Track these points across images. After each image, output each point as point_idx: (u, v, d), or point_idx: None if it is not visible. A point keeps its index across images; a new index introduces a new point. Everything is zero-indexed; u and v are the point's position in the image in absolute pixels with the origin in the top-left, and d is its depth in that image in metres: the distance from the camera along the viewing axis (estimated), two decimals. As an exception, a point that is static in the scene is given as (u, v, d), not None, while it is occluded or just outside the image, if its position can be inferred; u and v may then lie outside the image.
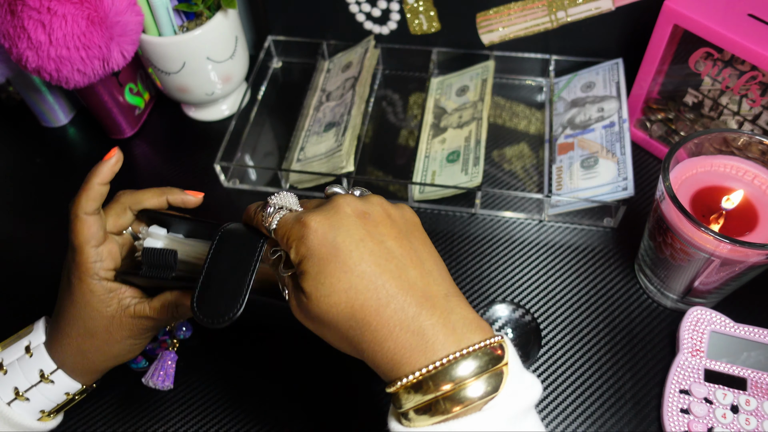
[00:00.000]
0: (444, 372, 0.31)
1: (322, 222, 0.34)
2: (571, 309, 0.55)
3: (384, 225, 0.35)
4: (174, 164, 0.69)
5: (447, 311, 0.33)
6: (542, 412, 0.50)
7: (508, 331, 0.54)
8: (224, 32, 0.65)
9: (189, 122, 0.73)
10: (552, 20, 0.68)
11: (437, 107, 0.70)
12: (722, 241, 0.43)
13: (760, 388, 0.48)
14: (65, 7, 0.53)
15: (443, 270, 0.36)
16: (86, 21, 0.54)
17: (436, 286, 0.34)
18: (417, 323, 0.32)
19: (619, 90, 0.64)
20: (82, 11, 0.53)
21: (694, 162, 0.50)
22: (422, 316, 0.32)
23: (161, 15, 0.62)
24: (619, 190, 0.56)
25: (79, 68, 0.56)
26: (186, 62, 0.64)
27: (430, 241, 0.37)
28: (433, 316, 0.32)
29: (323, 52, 0.75)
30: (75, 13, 0.53)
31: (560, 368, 0.52)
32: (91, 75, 0.57)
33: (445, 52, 0.73)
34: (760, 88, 0.54)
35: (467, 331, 0.32)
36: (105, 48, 0.56)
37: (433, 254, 0.36)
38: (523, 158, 0.66)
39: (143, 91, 0.72)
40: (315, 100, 0.71)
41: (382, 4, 0.70)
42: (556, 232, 0.60)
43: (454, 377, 0.31)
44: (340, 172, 0.62)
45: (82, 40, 0.54)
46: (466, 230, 0.61)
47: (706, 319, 0.51)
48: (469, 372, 0.31)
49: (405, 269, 0.34)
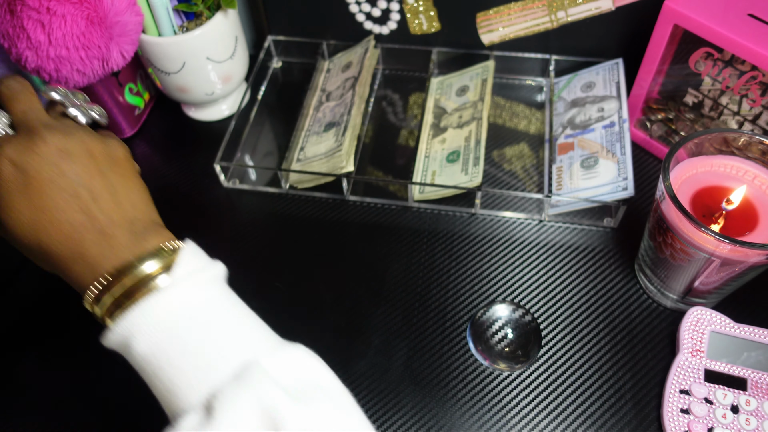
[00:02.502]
0: (126, 270, 0.35)
1: (16, 154, 0.36)
2: (571, 309, 0.55)
3: (80, 161, 0.37)
4: (174, 164, 0.69)
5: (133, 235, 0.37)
6: (542, 411, 0.50)
7: (508, 331, 0.54)
8: (224, 32, 0.65)
9: (189, 122, 0.73)
10: (552, 20, 0.68)
11: (437, 107, 0.70)
12: (722, 241, 0.43)
13: (760, 388, 0.48)
14: (65, 7, 0.53)
15: (139, 202, 0.39)
16: (86, 21, 0.54)
17: (122, 216, 0.37)
18: (98, 248, 0.36)
19: (619, 90, 0.64)
20: (81, 11, 0.53)
21: (694, 162, 0.50)
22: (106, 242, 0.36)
23: (161, 15, 0.62)
24: (619, 190, 0.56)
25: (78, 68, 0.56)
26: (186, 62, 0.64)
27: (134, 174, 0.41)
28: (117, 238, 0.36)
29: (323, 52, 0.75)
30: (74, 13, 0.53)
31: (560, 368, 0.52)
32: (90, 75, 0.57)
33: (445, 52, 0.73)
34: (760, 88, 0.54)
35: (148, 237, 0.37)
36: (104, 48, 0.56)
37: (130, 186, 0.39)
38: (523, 158, 0.66)
39: (143, 91, 0.72)
40: (315, 100, 0.71)
41: (382, 4, 0.70)
42: (556, 232, 0.60)
43: (137, 274, 0.35)
44: (340, 172, 0.62)
45: (82, 40, 0.54)
46: (466, 230, 0.61)
47: (706, 319, 0.51)
48: (151, 269, 0.35)
49: (93, 203, 0.36)
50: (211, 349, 0.33)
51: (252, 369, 0.32)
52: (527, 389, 0.51)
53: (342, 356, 0.53)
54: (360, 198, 0.64)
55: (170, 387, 0.33)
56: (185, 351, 0.33)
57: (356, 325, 0.55)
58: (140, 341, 0.33)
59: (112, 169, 0.39)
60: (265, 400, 0.30)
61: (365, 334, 0.54)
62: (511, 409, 0.50)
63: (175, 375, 0.33)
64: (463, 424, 0.49)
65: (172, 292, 0.34)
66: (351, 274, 0.58)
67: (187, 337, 0.33)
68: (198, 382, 0.32)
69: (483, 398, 0.51)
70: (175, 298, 0.34)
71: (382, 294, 0.57)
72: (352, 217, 0.63)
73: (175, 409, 0.33)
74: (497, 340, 0.53)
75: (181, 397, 0.32)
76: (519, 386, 0.51)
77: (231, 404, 0.30)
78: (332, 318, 0.56)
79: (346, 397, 0.34)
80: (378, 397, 0.51)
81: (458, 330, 0.54)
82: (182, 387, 0.32)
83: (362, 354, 0.53)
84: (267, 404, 0.30)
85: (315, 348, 0.37)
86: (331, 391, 0.34)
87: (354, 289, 0.57)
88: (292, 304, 0.57)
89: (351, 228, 0.62)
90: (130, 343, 0.34)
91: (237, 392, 0.30)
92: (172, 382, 0.33)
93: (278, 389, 0.31)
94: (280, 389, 0.31)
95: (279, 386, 0.31)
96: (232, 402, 0.30)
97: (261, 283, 0.58)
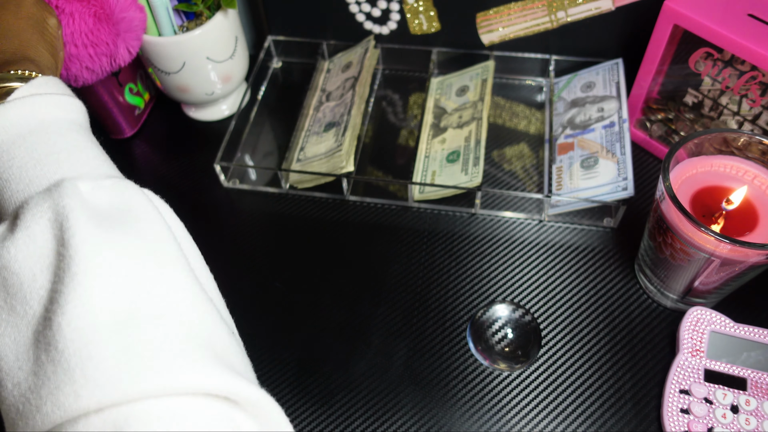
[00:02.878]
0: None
1: None
2: (571, 309, 0.55)
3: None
4: (174, 164, 0.69)
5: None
6: (542, 411, 0.50)
7: (508, 331, 0.54)
8: (224, 32, 0.65)
9: (189, 122, 0.73)
10: (552, 20, 0.68)
11: (437, 107, 0.70)
12: (722, 241, 0.43)
13: (760, 388, 0.48)
14: (72, 5, 0.53)
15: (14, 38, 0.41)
16: (93, 18, 0.54)
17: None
18: None
19: (619, 90, 0.64)
20: (89, 8, 0.53)
21: (694, 162, 0.50)
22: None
23: (161, 15, 0.62)
24: (619, 190, 0.56)
25: (87, 66, 0.56)
26: (186, 62, 0.64)
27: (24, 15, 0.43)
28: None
29: (323, 52, 0.75)
30: (82, 11, 0.53)
31: (560, 368, 0.52)
32: (99, 72, 0.57)
33: (445, 52, 0.73)
34: (760, 88, 0.54)
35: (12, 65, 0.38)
36: (112, 44, 0.56)
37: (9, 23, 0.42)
38: (523, 158, 0.66)
39: (143, 91, 0.72)
40: (315, 100, 0.71)
41: (382, 4, 0.70)
42: (556, 232, 0.60)
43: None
44: (340, 172, 0.62)
45: (90, 38, 0.54)
46: (466, 230, 0.61)
47: (706, 319, 0.51)
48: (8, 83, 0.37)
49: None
50: (36, 166, 0.34)
51: (62, 183, 0.31)
52: (527, 389, 0.51)
53: (342, 356, 0.53)
54: (360, 198, 0.64)
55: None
56: (12, 164, 0.33)
57: (356, 325, 0.55)
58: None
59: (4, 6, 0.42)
60: (59, 210, 0.30)
61: (365, 334, 0.54)
62: (511, 409, 0.50)
63: (2, 187, 0.33)
64: (463, 424, 0.50)
65: (9, 106, 0.35)
66: (351, 274, 0.58)
67: (15, 151, 0.34)
68: (17, 193, 0.33)
69: (483, 398, 0.51)
70: (11, 112, 0.35)
71: (382, 294, 0.57)
72: (352, 217, 0.63)
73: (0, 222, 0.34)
74: (497, 340, 0.53)
75: (3, 207, 0.33)
76: (519, 386, 0.51)
77: (30, 213, 0.30)
78: (332, 318, 0.56)
79: (158, 231, 0.33)
80: (378, 397, 0.51)
81: (458, 330, 0.54)
82: (5, 198, 0.33)
83: (362, 354, 0.53)
84: (60, 214, 0.29)
85: (315, 348, 0.36)
86: (144, 222, 0.32)
87: (354, 289, 0.57)
88: (292, 304, 0.57)
89: (351, 228, 0.62)
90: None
91: (38, 201, 0.30)
92: (0, 193, 0.34)
93: (78, 203, 0.30)
94: (81, 205, 0.30)
95: (82, 203, 0.30)
96: (31, 211, 0.30)
97: (261, 283, 0.58)
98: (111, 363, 0.26)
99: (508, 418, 0.50)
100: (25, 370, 0.27)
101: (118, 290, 0.28)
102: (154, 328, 0.28)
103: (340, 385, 0.52)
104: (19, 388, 0.27)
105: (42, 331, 0.27)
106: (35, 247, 0.29)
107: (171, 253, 0.32)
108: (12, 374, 0.27)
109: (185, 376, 0.27)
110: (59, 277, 0.28)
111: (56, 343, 0.26)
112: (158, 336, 0.28)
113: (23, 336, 0.28)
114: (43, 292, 0.28)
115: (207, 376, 0.27)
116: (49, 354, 0.26)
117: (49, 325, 0.27)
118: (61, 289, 0.27)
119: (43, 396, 0.26)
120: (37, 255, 0.29)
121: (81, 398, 0.25)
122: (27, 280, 0.29)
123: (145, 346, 0.27)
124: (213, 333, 0.30)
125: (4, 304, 0.29)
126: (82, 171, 0.34)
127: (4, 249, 0.29)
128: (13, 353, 0.27)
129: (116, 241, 0.30)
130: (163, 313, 0.29)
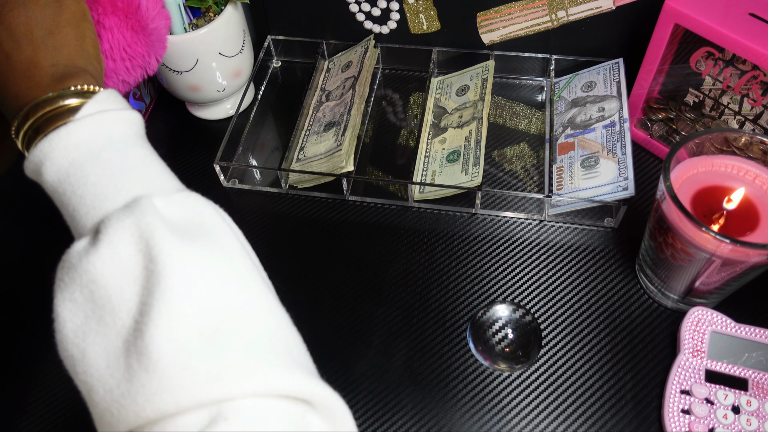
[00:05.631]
0: (48, 102, 0.36)
1: None
2: (571, 309, 0.55)
3: None
4: (173, 164, 0.68)
5: (55, 75, 0.38)
6: (542, 412, 0.50)
7: (508, 331, 0.53)
8: (235, 26, 0.65)
9: (188, 122, 0.73)
10: (552, 20, 0.68)
11: (437, 107, 0.70)
12: (723, 241, 0.42)
13: (761, 388, 0.48)
14: (111, 20, 0.53)
15: (64, 47, 0.40)
16: (131, 32, 0.54)
17: (44, 57, 0.39)
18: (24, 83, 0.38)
19: (619, 89, 0.64)
20: (126, 22, 0.53)
21: (695, 162, 0.49)
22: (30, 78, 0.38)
23: (173, 13, 0.62)
24: (620, 190, 0.56)
25: (124, 78, 0.56)
26: (199, 59, 0.64)
27: (76, 20, 0.42)
28: (38, 77, 0.38)
29: (323, 52, 0.75)
30: (120, 25, 0.53)
31: (560, 368, 0.52)
32: (132, 84, 0.57)
33: (445, 51, 0.73)
34: (761, 88, 0.54)
35: (70, 79, 0.38)
36: (147, 56, 0.56)
37: (61, 31, 0.41)
38: (523, 158, 0.66)
39: (145, 95, 0.72)
40: (315, 99, 0.71)
41: (382, 3, 0.70)
42: (557, 232, 0.60)
43: (56, 104, 0.36)
44: (340, 172, 0.62)
45: (128, 51, 0.54)
46: (466, 230, 0.61)
47: (706, 319, 0.51)
48: (65, 102, 0.37)
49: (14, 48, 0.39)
50: (109, 182, 0.35)
51: (140, 201, 0.33)
52: (527, 389, 0.51)
53: (342, 356, 0.53)
54: (360, 198, 0.64)
55: (73, 214, 0.34)
56: (87, 181, 0.34)
57: (356, 325, 0.55)
58: (48, 169, 0.35)
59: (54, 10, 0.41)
60: (143, 227, 0.31)
61: (365, 334, 0.54)
62: (511, 409, 0.50)
63: (77, 203, 0.34)
64: (463, 424, 0.49)
65: (79, 124, 0.36)
66: (351, 274, 0.58)
67: (89, 168, 0.35)
68: (93, 209, 0.34)
69: (483, 398, 0.51)
70: (82, 131, 0.35)
71: (382, 294, 0.57)
72: (352, 217, 0.63)
73: (76, 236, 0.35)
74: (497, 340, 0.53)
75: (80, 222, 0.34)
76: (519, 386, 0.51)
77: (112, 228, 0.31)
78: (332, 318, 0.56)
79: (231, 243, 0.35)
80: (378, 397, 0.51)
81: (458, 330, 0.54)
82: (81, 214, 0.34)
83: (362, 354, 0.53)
84: (144, 231, 0.31)
85: (315, 348, 0.37)
86: (217, 234, 0.34)
87: (354, 289, 0.57)
88: (292, 305, 0.57)
89: (351, 228, 0.62)
90: (40, 170, 0.35)
91: (119, 218, 0.32)
92: (75, 209, 0.34)
93: (159, 220, 0.32)
94: (162, 221, 0.32)
95: (162, 219, 0.32)
96: (114, 227, 0.31)
97: (261, 283, 0.58)
98: (203, 372, 0.28)
99: (509, 419, 0.50)
100: (117, 377, 0.29)
101: (204, 303, 0.30)
102: (239, 337, 0.30)
103: (340, 385, 0.51)
104: (111, 394, 0.29)
105: (133, 342, 0.29)
106: (120, 262, 0.31)
107: (245, 264, 0.34)
108: (104, 381, 0.29)
109: (269, 379, 0.29)
110: (149, 291, 0.30)
111: (149, 354, 0.28)
112: (243, 344, 0.30)
113: (113, 345, 0.29)
114: (131, 304, 0.30)
115: (287, 379, 0.30)
116: (142, 363, 0.28)
117: (141, 336, 0.29)
118: (152, 302, 0.29)
119: (140, 402, 0.28)
120: (123, 269, 0.30)
121: (180, 405, 0.28)
122: (115, 293, 0.30)
123: (231, 354, 0.29)
124: (288, 337, 0.33)
125: (93, 315, 0.30)
126: (153, 186, 0.36)
127: (89, 264, 0.31)
128: (104, 361, 0.29)
129: (198, 255, 0.32)
130: (245, 322, 0.31)
